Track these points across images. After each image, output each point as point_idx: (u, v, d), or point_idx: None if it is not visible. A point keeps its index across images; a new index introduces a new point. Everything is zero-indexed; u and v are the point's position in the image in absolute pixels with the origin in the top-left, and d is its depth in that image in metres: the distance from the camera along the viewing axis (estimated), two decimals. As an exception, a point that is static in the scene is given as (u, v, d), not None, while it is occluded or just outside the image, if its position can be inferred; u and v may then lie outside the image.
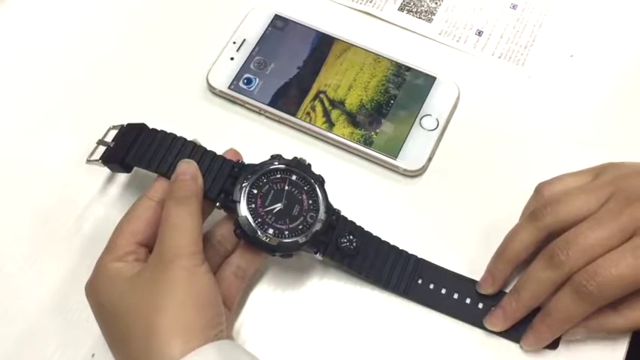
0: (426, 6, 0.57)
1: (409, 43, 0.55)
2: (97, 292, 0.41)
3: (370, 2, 0.57)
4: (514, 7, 0.57)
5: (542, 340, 0.43)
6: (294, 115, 0.51)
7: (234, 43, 0.54)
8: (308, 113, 0.51)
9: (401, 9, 0.57)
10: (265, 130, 0.51)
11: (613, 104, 0.53)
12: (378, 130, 0.50)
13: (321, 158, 0.50)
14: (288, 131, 0.51)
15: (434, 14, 0.57)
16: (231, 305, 0.43)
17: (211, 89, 0.52)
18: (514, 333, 0.44)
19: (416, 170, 0.49)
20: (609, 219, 0.41)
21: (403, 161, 0.49)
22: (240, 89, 0.52)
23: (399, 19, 0.57)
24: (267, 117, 0.52)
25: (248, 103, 0.52)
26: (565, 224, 0.42)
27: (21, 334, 0.45)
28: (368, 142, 0.50)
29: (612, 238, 0.41)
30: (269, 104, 0.51)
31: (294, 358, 0.44)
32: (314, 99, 0.51)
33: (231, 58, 0.53)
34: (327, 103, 0.51)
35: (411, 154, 0.49)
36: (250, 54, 0.53)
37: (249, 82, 0.52)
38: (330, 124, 0.50)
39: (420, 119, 0.50)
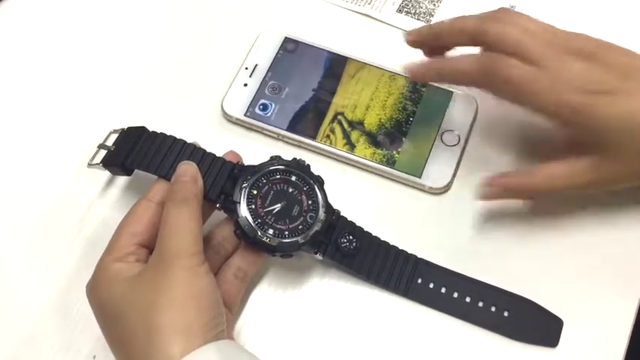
0: (424, 7, 0.57)
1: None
2: (98, 292, 0.41)
3: (369, 4, 0.57)
4: (512, 8, 0.57)
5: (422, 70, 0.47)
6: (313, 138, 0.50)
7: (246, 68, 0.52)
8: (328, 136, 0.50)
9: (399, 10, 0.57)
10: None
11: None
12: (399, 149, 0.50)
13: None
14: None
15: (432, 15, 0.57)
16: (232, 306, 0.44)
17: (227, 117, 0.51)
18: (514, 332, 0.44)
19: (441, 188, 0.49)
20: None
21: (428, 179, 0.49)
22: (256, 115, 0.51)
23: (398, 21, 0.56)
24: (285, 142, 0.51)
25: (266, 130, 0.51)
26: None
27: (22, 336, 0.45)
28: (390, 162, 0.49)
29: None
30: (287, 129, 0.50)
31: (294, 358, 0.45)
32: (332, 121, 0.51)
33: (245, 85, 0.52)
34: (345, 125, 0.51)
35: (436, 172, 0.49)
36: (264, 79, 0.52)
37: (265, 107, 0.51)
38: (351, 146, 0.50)
39: (441, 135, 0.50)
